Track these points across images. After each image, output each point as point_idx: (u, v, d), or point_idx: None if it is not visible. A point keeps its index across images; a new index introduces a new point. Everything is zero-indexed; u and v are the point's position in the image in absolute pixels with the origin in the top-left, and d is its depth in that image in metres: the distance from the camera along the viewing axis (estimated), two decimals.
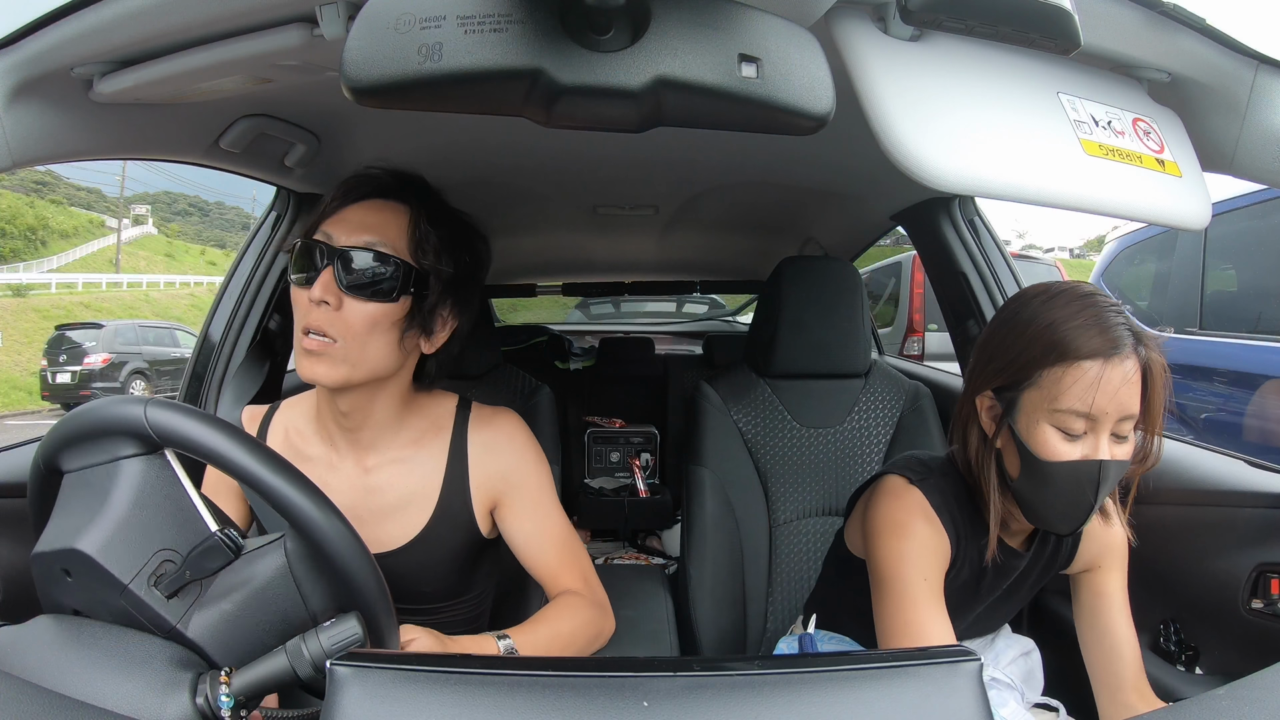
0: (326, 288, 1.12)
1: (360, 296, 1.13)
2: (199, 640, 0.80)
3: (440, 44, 0.65)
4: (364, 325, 1.14)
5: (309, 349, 1.14)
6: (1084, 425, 1.12)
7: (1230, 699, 0.70)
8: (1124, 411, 1.11)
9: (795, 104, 0.71)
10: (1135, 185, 0.89)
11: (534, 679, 0.65)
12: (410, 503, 1.29)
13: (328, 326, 1.12)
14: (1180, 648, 1.42)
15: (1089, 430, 1.12)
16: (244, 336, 1.89)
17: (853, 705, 0.66)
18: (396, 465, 1.29)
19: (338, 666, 0.64)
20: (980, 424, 1.24)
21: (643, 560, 3.26)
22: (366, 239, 1.15)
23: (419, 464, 1.30)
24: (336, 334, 1.13)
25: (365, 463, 1.28)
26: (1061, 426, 1.12)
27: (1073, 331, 1.12)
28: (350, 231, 1.16)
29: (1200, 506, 1.42)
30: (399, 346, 1.19)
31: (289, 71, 1.13)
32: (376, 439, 1.28)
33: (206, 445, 0.81)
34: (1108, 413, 1.10)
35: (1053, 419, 1.13)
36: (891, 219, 2.34)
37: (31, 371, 20.75)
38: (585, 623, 1.29)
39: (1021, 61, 0.90)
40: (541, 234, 2.99)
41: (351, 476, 1.28)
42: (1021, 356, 1.17)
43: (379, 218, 1.18)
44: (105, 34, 0.97)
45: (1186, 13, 0.92)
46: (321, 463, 1.29)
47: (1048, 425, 1.13)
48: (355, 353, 1.14)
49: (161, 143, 1.36)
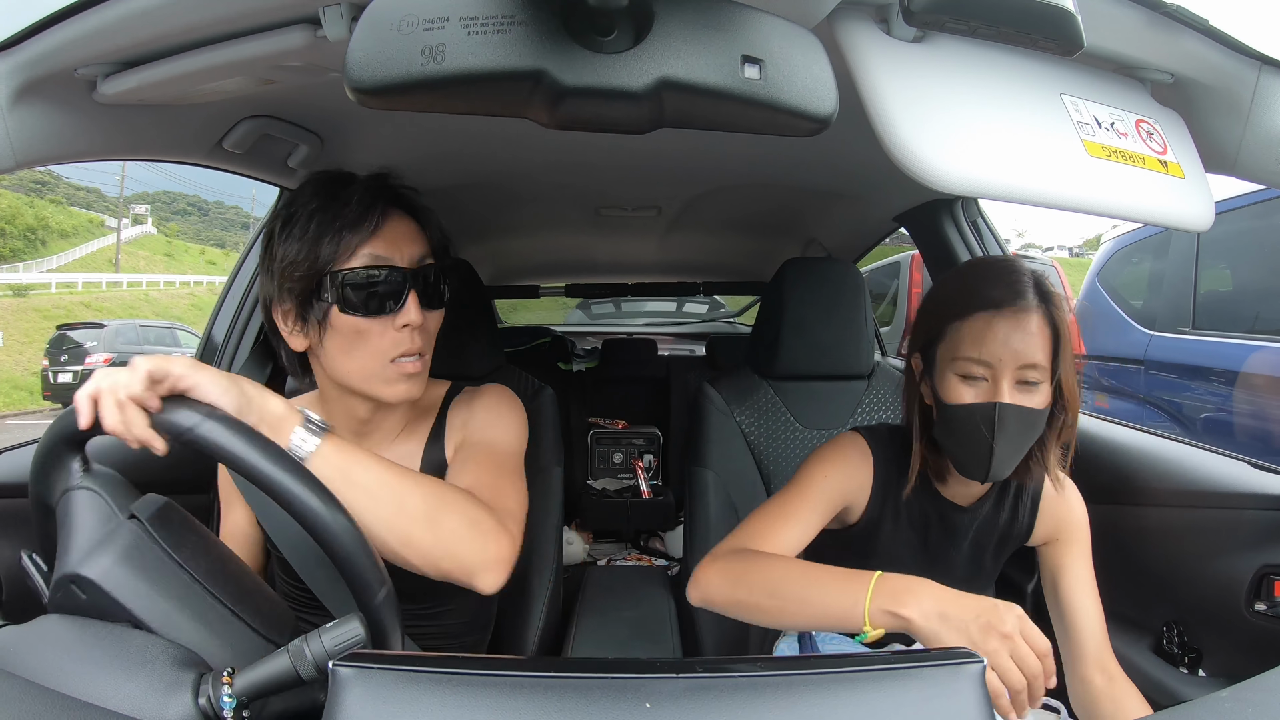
0: (419, 311, 1.14)
1: (432, 307, 1.17)
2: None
3: (443, 45, 0.65)
4: (434, 336, 1.19)
5: (412, 373, 1.15)
6: (983, 371, 1.23)
7: (1234, 701, 0.70)
8: (1021, 360, 1.21)
9: (798, 105, 0.71)
10: (1138, 187, 0.89)
11: (536, 680, 0.65)
12: None
13: (424, 347, 1.16)
14: (1183, 650, 1.42)
15: (989, 377, 1.23)
16: (246, 338, 1.89)
17: (855, 707, 0.66)
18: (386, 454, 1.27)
19: (340, 667, 0.64)
20: (913, 379, 1.37)
21: (645, 561, 3.26)
22: (418, 253, 1.17)
23: (403, 451, 1.30)
24: (425, 348, 1.17)
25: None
26: (963, 373, 1.24)
27: (973, 287, 1.27)
28: (401, 250, 1.15)
29: (1203, 508, 1.42)
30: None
31: (292, 73, 1.14)
32: (376, 432, 1.30)
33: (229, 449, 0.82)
34: (1003, 359, 1.21)
35: (955, 367, 1.25)
36: (894, 220, 2.34)
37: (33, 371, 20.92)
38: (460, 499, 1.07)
39: (1024, 63, 0.90)
40: (544, 235, 3.00)
41: None
42: (935, 315, 1.32)
43: (408, 228, 1.19)
44: (109, 35, 0.97)
45: (1189, 14, 0.92)
46: None
47: (952, 374, 1.26)
48: (429, 359, 1.19)
49: (165, 144, 1.36)
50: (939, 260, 2.11)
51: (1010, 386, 1.21)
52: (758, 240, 3.11)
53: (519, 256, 3.35)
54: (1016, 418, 1.21)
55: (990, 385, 1.23)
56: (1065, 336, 1.24)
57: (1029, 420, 1.23)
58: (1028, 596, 1.77)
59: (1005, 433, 1.21)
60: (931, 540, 1.41)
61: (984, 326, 1.22)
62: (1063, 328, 1.24)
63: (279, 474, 0.81)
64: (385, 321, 1.13)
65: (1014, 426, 1.22)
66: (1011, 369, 1.21)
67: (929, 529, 1.41)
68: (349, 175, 1.21)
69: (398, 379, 1.15)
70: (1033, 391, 1.22)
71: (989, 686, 0.78)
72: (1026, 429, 1.24)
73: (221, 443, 0.82)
